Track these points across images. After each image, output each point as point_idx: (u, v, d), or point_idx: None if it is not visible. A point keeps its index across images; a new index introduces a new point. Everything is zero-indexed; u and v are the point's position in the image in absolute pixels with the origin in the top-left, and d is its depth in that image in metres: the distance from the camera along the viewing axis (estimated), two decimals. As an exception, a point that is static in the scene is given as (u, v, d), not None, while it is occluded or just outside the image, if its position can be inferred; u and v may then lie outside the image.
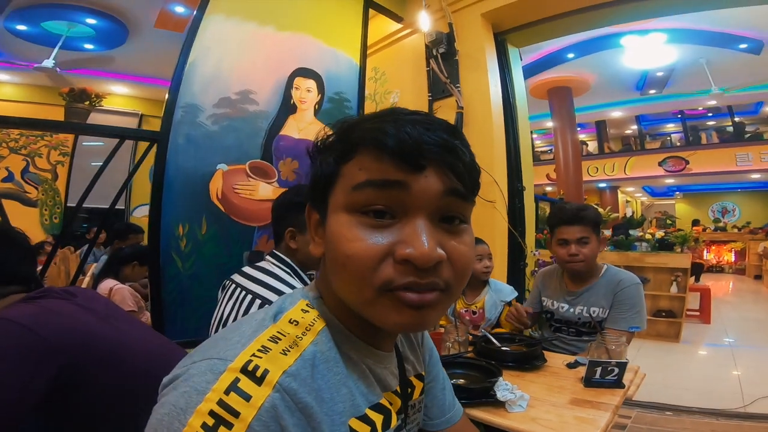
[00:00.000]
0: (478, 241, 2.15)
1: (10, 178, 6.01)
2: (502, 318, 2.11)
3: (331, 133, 0.53)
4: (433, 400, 0.76)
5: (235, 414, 0.38)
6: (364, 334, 0.54)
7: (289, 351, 0.45)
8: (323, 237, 0.52)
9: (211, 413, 0.37)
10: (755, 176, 11.41)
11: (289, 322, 0.49)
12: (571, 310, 1.87)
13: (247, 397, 0.39)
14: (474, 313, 2.13)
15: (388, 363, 0.59)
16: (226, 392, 0.39)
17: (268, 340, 0.45)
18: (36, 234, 5.80)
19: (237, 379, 0.40)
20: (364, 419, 0.50)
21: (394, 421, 0.55)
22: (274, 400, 0.40)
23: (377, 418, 0.51)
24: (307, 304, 0.53)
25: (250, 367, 0.41)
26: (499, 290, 2.15)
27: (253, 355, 0.42)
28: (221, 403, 0.38)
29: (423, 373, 0.71)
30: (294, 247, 1.28)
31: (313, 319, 0.51)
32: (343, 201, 0.48)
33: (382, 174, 0.46)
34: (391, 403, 0.56)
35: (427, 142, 0.46)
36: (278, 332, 0.47)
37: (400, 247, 0.45)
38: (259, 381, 0.40)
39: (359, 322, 0.52)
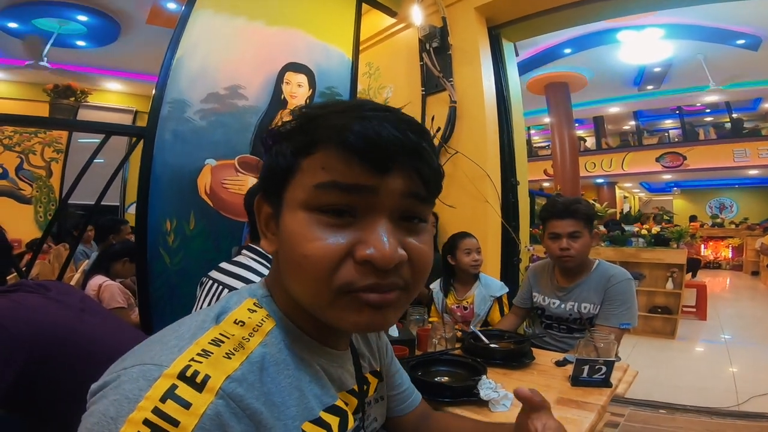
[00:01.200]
0: (467, 234, 2.13)
1: (4, 175, 6.00)
2: (491, 315, 2.10)
3: (289, 119, 0.50)
4: (394, 391, 0.76)
5: (174, 423, 0.35)
6: (318, 334, 0.52)
7: (233, 354, 0.42)
8: (276, 233, 0.49)
9: (146, 422, 0.34)
10: (753, 172, 11.43)
11: (234, 322, 0.46)
12: (562, 306, 1.85)
13: (186, 405, 0.36)
14: (465, 308, 2.11)
15: (344, 362, 0.57)
16: (162, 400, 0.36)
17: (209, 343, 0.42)
18: (31, 231, 5.78)
19: (174, 386, 0.37)
20: (319, 422, 0.48)
21: (351, 423, 0.53)
22: (217, 407, 0.37)
23: (333, 421, 0.50)
24: (254, 303, 0.50)
25: (189, 373, 0.38)
26: (489, 285, 2.14)
27: (192, 359, 0.39)
28: (157, 411, 0.35)
29: (379, 369, 0.70)
30: None
31: (262, 319, 0.48)
32: (302, 198, 0.45)
33: (348, 177, 0.44)
34: (347, 404, 0.55)
35: (395, 143, 0.44)
36: (221, 334, 0.44)
37: (360, 247, 0.44)
38: (199, 387, 0.38)
39: (312, 322, 0.50)
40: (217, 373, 0.39)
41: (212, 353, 0.41)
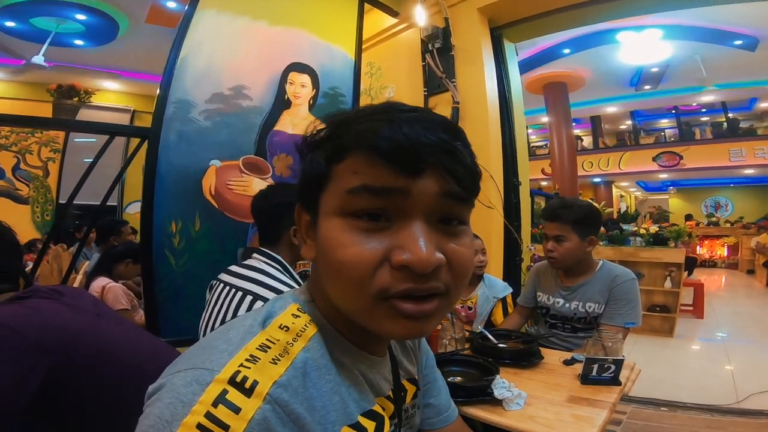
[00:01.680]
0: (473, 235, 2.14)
1: (1, 175, 5.95)
2: (494, 315, 2.11)
3: (321, 127, 0.50)
4: (429, 401, 0.76)
5: (225, 427, 0.36)
6: (358, 339, 0.53)
7: (279, 360, 0.43)
8: (315, 240, 0.50)
9: (199, 426, 0.36)
10: (748, 171, 11.53)
11: (279, 327, 0.47)
12: (567, 305, 1.86)
13: (236, 410, 0.37)
14: (469, 308, 2.12)
15: (382, 368, 0.57)
16: (214, 404, 0.37)
17: (257, 348, 0.43)
18: (28, 231, 5.74)
19: (225, 391, 0.38)
20: (357, 427, 0.48)
21: (387, 427, 0.54)
22: (265, 412, 0.38)
23: (369, 425, 0.50)
24: (298, 309, 0.51)
25: (239, 379, 0.39)
26: (492, 286, 2.15)
27: (241, 365, 0.41)
28: (209, 415, 0.36)
29: (416, 377, 0.70)
30: (297, 244, 1.28)
31: (305, 325, 0.49)
32: (336, 204, 0.45)
33: (379, 180, 0.43)
34: (384, 409, 0.55)
35: (425, 144, 0.43)
36: (267, 339, 0.45)
37: (396, 252, 0.43)
38: (248, 393, 0.39)
39: (353, 327, 0.50)
40: (264, 379, 0.40)
41: (259, 359, 0.42)
